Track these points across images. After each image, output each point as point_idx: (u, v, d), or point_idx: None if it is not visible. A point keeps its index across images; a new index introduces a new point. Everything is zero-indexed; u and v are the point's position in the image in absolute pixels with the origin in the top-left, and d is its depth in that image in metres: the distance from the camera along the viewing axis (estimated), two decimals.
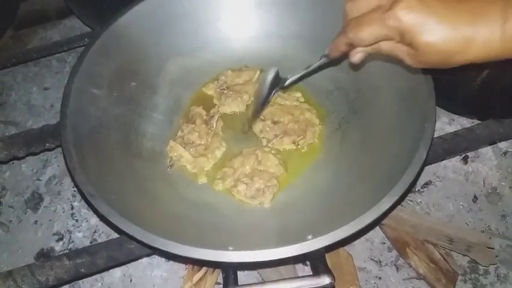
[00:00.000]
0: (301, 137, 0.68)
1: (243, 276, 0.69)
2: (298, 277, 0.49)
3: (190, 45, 0.75)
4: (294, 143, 0.68)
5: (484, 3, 0.39)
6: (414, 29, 0.40)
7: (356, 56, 0.48)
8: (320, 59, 0.57)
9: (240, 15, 0.76)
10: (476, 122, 0.79)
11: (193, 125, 0.69)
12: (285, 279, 0.49)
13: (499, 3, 0.39)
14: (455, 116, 0.83)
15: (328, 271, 0.49)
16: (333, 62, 0.58)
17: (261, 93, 0.65)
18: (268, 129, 0.69)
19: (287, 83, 0.65)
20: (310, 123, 0.69)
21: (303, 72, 0.62)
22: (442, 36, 0.39)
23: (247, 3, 0.76)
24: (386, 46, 0.45)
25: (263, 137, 0.69)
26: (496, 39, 0.39)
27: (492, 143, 0.78)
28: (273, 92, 0.65)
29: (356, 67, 0.60)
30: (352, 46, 0.47)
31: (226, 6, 0.76)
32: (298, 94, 0.73)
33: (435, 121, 0.56)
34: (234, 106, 0.73)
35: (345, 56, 0.50)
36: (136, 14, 0.70)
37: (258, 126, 0.70)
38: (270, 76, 0.64)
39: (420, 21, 0.40)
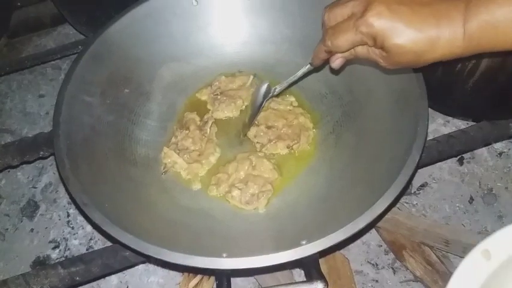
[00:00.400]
0: (295, 141, 0.68)
1: (239, 281, 0.69)
2: (291, 283, 0.49)
3: (183, 51, 0.75)
4: (288, 147, 0.68)
5: (447, 6, 0.42)
6: (385, 33, 0.44)
7: (336, 61, 0.52)
8: (306, 67, 0.59)
9: (232, 21, 0.76)
10: (471, 123, 0.80)
11: (187, 131, 0.68)
12: (278, 285, 0.49)
13: (461, 5, 0.42)
14: (450, 118, 0.83)
15: (321, 276, 0.49)
16: (321, 68, 0.61)
17: (254, 105, 0.68)
18: (262, 134, 0.69)
19: (276, 92, 0.67)
20: (304, 127, 0.69)
21: (290, 80, 0.64)
22: (410, 38, 0.43)
23: (239, 9, 0.76)
24: (361, 51, 0.48)
25: (257, 142, 0.69)
26: (458, 38, 0.42)
27: (486, 144, 0.78)
28: (263, 102, 0.68)
29: (337, 72, 0.62)
30: (331, 53, 0.51)
31: (218, 12, 0.76)
32: (292, 98, 0.73)
33: (427, 123, 0.56)
34: (228, 111, 0.73)
35: (326, 62, 0.54)
36: (129, 20, 0.70)
37: (252, 132, 0.70)
38: (263, 89, 0.67)
39: (389, 26, 0.43)
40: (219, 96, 0.73)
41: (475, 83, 0.66)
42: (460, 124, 0.82)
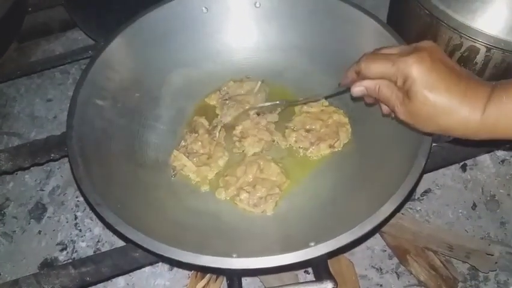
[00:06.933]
0: (336, 139, 0.68)
1: (245, 284, 0.69)
2: (301, 283, 0.50)
3: (192, 57, 0.76)
4: (330, 146, 0.68)
5: (477, 85, 0.45)
6: (417, 79, 0.45)
7: (356, 88, 0.53)
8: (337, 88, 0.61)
9: (242, 28, 0.78)
10: None
11: (196, 135, 0.69)
12: (288, 284, 0.50)
13: (488, 89, 0.44)
14: None
15: (330, 277, 0.50)
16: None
17: None
18: (303, 138, 0.69)
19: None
20: (340, 124, 0.70)
21: (317, 97, 0.68)
22: (436, 94, 0.45)
23: (248, 16, 0.77)
24: (384, 90, 0.50)
25: (299, 147, 0.69)
26: (475, 119, 0.44)
27: (489, 151, 0.80)
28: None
29: (354, 100, 0.65)
30: (358, 74, 0.52)
31: (227, 19, 0.77)
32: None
33: None
34: None
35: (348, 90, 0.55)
36: (140, 26, 0.72)
37: (292, 137, 0.70)
38: None
39: (424, 75, 0.45)
40: (227, 101, 0.74)
41: None
42: None
